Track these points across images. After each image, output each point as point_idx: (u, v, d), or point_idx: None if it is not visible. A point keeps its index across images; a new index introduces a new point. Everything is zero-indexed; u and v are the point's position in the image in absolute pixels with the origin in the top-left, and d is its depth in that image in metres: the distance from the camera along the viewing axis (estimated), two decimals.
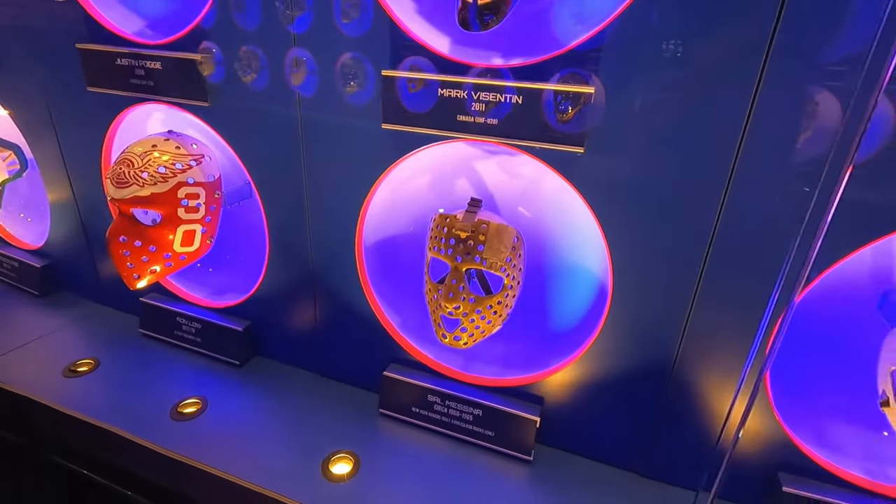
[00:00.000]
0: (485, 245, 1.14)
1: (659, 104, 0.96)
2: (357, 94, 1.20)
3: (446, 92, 1.08)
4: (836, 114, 0.86)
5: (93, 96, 1.52)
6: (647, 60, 0.94)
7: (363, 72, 1.17)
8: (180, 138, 1.48)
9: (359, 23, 1.14)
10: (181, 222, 1.46)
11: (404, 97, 1.12)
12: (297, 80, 1.24)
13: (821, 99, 0.86)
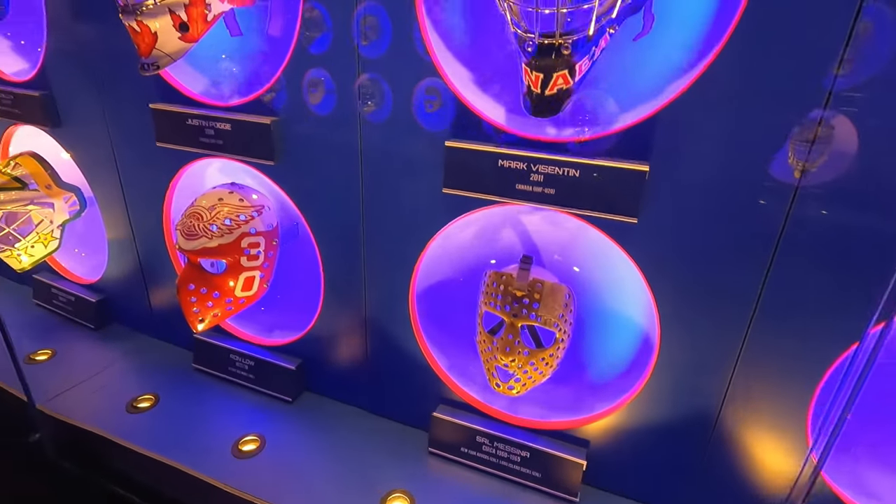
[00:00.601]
0: (540, 303, 1.21)
1: (709, 182, 1.04)
2: (418, 161, 1.29)
3: (506, 163, 1.16)
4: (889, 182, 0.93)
5: (160, 148, 1.62)
6: (699, 141, 1.02)
7: (426, 140, 1.26)
8: (243, 191, 1.57)
9: (424, 96, 1.23)
10: (243, 270, 1.56)
11: (465, 166, 1.20)
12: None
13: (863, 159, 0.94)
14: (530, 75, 0.98)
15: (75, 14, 1.62)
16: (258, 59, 1.49)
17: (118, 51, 1.55)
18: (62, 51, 1.72)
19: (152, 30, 1.23)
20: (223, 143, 1.47)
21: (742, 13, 0.93)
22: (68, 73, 1.74)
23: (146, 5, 1.20)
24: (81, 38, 1.64)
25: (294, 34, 1.31)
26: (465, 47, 1.25)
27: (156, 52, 1.26)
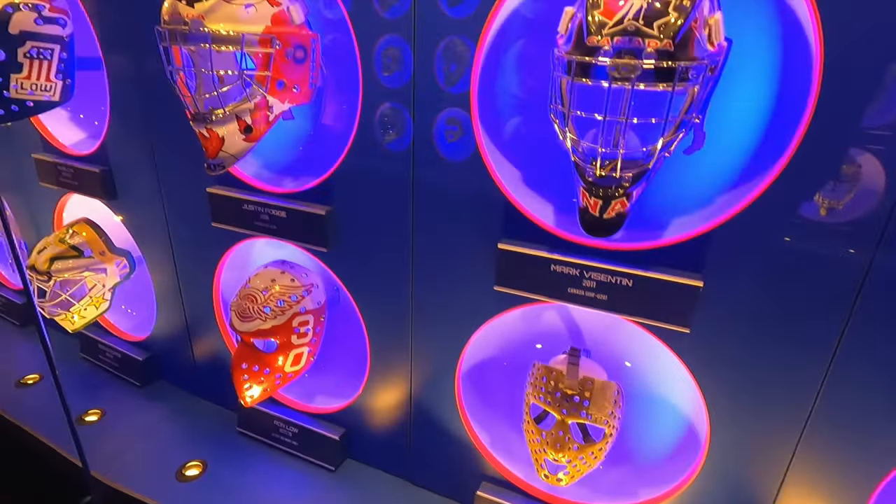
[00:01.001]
0: (590, 402, 1.24)
1: (765, 294, 1.07)
2: (470, 259, 1.34)
3: (558, 268, 1.20)
4: None
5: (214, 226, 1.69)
6: (754, 258, 1.05)
7: (478, 239, 1.30)
8: (293, 270, 1.63)
9: (474, 195, 1.28)
10: (293, 347, 1.61)
11: (517, 268, 1.24)
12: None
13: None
14: (588, 199, 1.02)
15: (138, 96, 1.71)
16: (313, 146, 1.56)
17: (177, 134, 1.63)
18: (123, 129, 1.80)
19: (220, 135, 1.30)
20: (277, 229, 1.54)
21: (800, 143, 0.96)
22: (128, 150, 1.82)
23: (216, 114, 1.27)
24: (142, 120, 1.73)
25: (353, 127, 1.37)
26: (514, 145, 1.30)
27: (222, 154, 1.33)
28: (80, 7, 1.72)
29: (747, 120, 1.07)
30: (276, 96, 1.33)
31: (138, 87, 1.70)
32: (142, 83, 1.68)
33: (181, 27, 1.16)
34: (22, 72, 1.68)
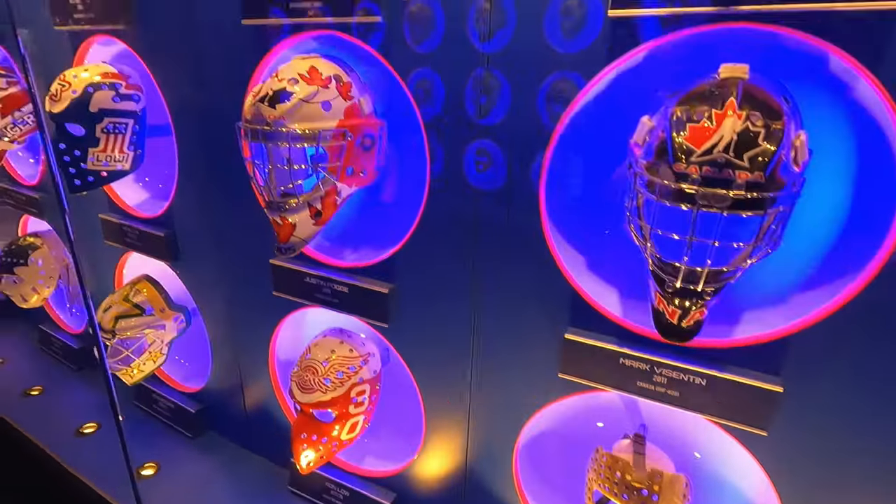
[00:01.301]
0: (659, 496, 1.22)
1: (849, 401, 1.04)
2: (533, 345, 1.34)
3: (628, 362, 1.20)
4: None
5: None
6: (842, 364, 1.03)
7: (541, 327, 1.31)
8: (351, 339, 1.66)
9: (537, 280, 1.29)
10: (350, 417, 1.63)
11: (584, 358, 1.24)
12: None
13: None
14: (665, 305, 1.03)
15: (205, 164, 1.78)
16: (375, 221, 1.60)
17: (242, 202, 1.69)
18: (189, 195, 1.88)
19: (292, 222, 1.35)
20: (339, 302, 1.57)
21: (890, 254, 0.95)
22: (192, 215, 1.90)
23: (289, 204, 1.32)
24: (208, 186, 1.81)
25: (420, 207, 1.41)
26: (578, 230, 1.31)
27: (293, 239, 1.37)
28: (149, 77, 1.81)
29: (824, 219, 1.06)
30: (344, 182, 1.38)
31: (205, 155, 1.77)
32: (209, 151, 1.75)
33: (263, 127, 1.21)
34: (99, 146, 1.78)
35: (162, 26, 1.67)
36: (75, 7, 1.76)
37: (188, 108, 1.76)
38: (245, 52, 1.51)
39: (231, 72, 1.57)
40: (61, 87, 1.71)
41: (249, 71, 1.52)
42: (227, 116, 1.62)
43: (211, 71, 1.62)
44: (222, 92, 1.62)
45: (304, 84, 1.24)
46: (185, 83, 1.72)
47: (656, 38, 1.02)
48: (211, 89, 1.65)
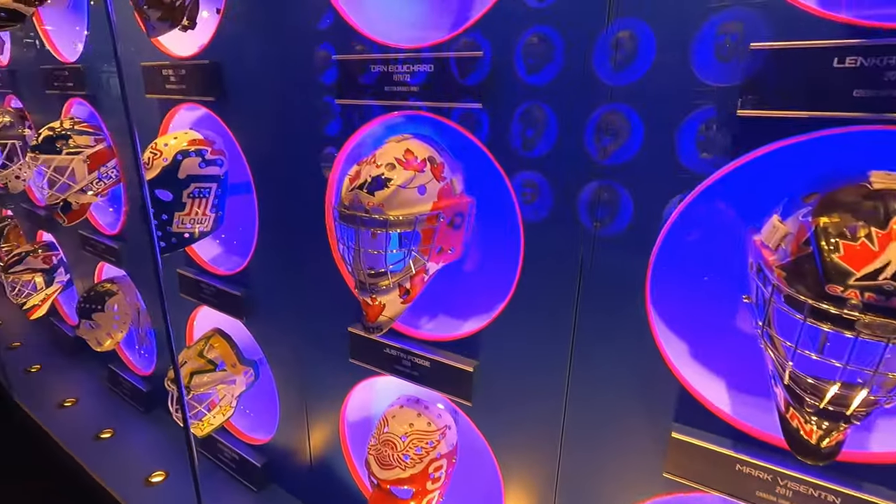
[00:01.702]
0: None
1: None
2: (633, 440, 1.27)
3: (745, 469, 1.11)
4: None
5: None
6: None
7: (640, 420, 1.24)
8: (428, 411, 1.62)
9: (637, 369, 1.23)
10: (427, 493, 1.58)
11: (694, 460, 1.16)
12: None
13: None
14: (802, 423, 0.94)
15: (286, 229, 1.81)
16: (457, 293, 1.57)
17: (321, 265, 1.70)
18: (268, 257, 1.91)
19: (382, 303, 1.33)
20: (419, 376, 1.54)
21: None
22: (269, 274, 1.92)
23: (380, 285, 1.31)
24: (286, 246, 1.82)
25: (513, 281, 1.37)
26: (682, 316, 1.24)
27: (381, 318, 1.36)
28: (232, 139, 1.86)
29: None
30: (433, 260, 1.36)
31: (287, 219, 1.79)
32: (291, 214, 1.77)
33: (361, 214, 1.21)
34: (184, 209, 1.84)
35: (251, 100, 1.72)
36: (167, 78, 1.84)
37: (271, 172, 1.80)
38: (335, 126, 1.53)
39: (318, 143, 1.58)
40: (153, 156, 1.78)
41: (339, 143, 1.54)
42: (311, 183, 1.64)
43: (298, 141, 1.65)
44: (308, 159, 1.63)
45: (401, 169, 1.24)
46: (270, 149, 1.76)
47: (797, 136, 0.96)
48: (297, 157, 1.67)
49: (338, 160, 1.56)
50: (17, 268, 3.17)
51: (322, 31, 1.46)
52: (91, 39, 2.21)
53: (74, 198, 2.39)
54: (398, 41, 1.33)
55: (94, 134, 2.40)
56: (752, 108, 0.94)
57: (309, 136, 1.60)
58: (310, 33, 1.49)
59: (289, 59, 1.57)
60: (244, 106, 1.75)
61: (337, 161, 1.57)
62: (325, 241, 1.68)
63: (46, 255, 3.26)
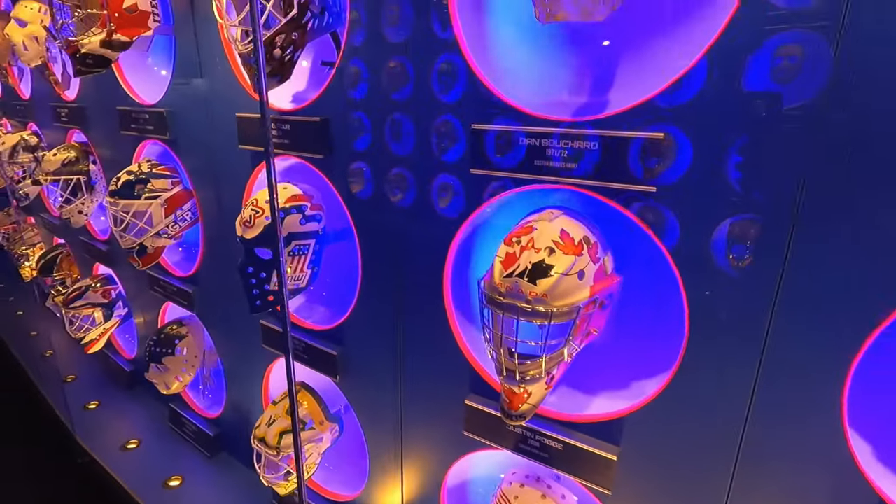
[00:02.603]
0: None
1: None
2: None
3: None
4: None
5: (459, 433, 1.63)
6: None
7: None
8: (552, 492, 1.53)
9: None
10: None
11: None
12: None
13: None
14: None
15: (392, 285, 1.72)
16: (593, 370, 1.48)
17: (437, 336, 1.62)
18: (369, 313, 1.81)
19: (529, 391, 1.24)
20: (548, 458, 1.45)
21: None
22: (369, 335, 1.83)
23: (531, 374, 1.22)
24: (392, 303, 1.74)
25: (673, 364, 1.27)
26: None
27: (524, 407, 1.27)
28: (331, 189, 1.78)
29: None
30: (580, 343, 1.27)
31: (392, 271, 1.69)
32: (398, 267, 1.67)
33: (522, 304, 1.12)
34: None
35: (361, 159, 1.64)
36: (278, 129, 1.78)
37: (378, 224, 1.68)
38: (461, 195, 1.45)
39: (441, 209, 1.50)
40: (255, 214, 1.71)
41: (466, 213, 1.46)
42: (427, 244, 1.57)
43: (418, 205, 1.56)
44: (428, 221, 1.54)
45: (561, 254, 1.14)
46: (379, 211, 1.67)
47: None
48: (412, 216, 1.58)
49: (463, 228, 1.48)
50: (78, 302, 3.13)
51: (455, 96, 1.38)
52: (176, 84, 2.16)
53: (150, 242, 2.34)
54: (551, 111, 1.24)
55: (171, 177, 2.35)
56: None
57: (429, 200, 1.52)
58: (438, 103, 1.41)
59: (412, 118, 1.49)
60: (353, 166, 1.67)
61: (462, 229, 1.48)
62: (440, 304, 1.58)
63: (105, 290, 3.23)
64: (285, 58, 1.61)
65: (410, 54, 1.44)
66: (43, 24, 2.69)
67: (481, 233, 1.53)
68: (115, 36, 2.04)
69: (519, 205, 1.39)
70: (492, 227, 1.50)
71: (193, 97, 2.08)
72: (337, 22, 1.65)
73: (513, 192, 1.36)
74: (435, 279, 1.57)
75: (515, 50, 1.38)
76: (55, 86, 2.87)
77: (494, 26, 1.38)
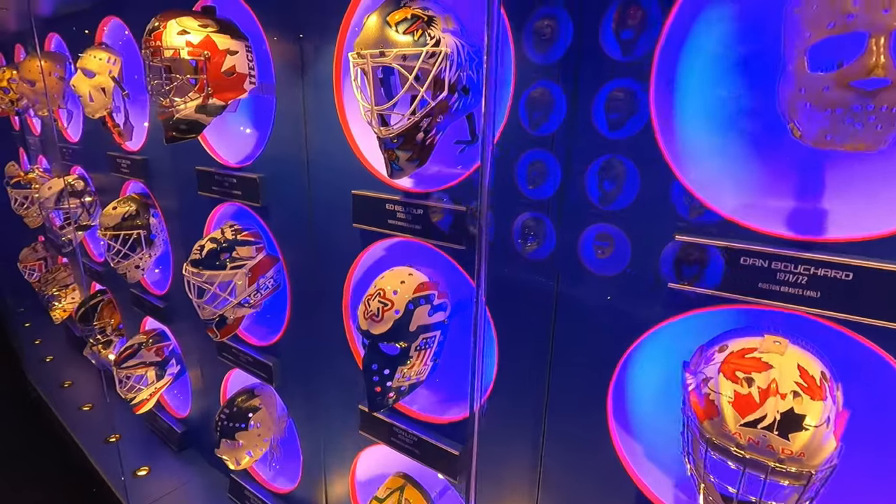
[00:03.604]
0: None
1: None
2: None
3: None
4: None
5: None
6: None
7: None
8: None
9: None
10: None
11: None
12: None
13: None
14: None
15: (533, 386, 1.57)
16: None
17: (586, 455, 1.46)
18: (503, 414, 1.65)
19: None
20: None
21: None
22: (502, 441, 1.66)
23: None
24: (529, 414, 1.59)
25: None
26: None
27: None
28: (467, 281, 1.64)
29: None
30: None
31: (531, 363, 1.54)
32: (537, 361, 1.52)
33: (773, 463, 0.97)
34: (408, 363, 1.61)
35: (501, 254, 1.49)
36: (392, 213, 1.64)
37: (522, 345, 1.53)
38: (654, 300, 1.29)
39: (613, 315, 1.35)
40: (383, 307, 1.55)
41: (647, 323, 1.30)
42: (597, 354, 1.41)
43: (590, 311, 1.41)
44: (603, 327, 1.39)
45: (808, 399, 0.99)
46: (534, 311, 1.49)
47: None
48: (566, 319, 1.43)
49: (643, 337, 1.32)
50: (131, 361, 2.95)
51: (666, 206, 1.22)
52: (270, 149, 2.02)
53: (231, 312, 2.18)
54: (782, 228, 1.11)
55: (256, 243, 2.19)
56: None
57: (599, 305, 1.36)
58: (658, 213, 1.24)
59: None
60: (495, 254, 1.52)
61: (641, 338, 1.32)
62: (599, 414, 1.42)
63: (159, 347, 3.05)
64: (427, 141, 1.48)
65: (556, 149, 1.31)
66: (111, 75, 2.56)
67: (651, 342, 1.37)
68: (210, 100, 1.92)
69: (713, 321, 1.24)
70: (665, 337, 1.35)
71: (293, 165, 1.93)
72: (477, 101, 1.52)
73: (712, 308, 1.21)
74: (596, 388, 1.41)
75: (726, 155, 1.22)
76: (117, 136, 2.73)
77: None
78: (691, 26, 1.16)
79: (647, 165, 1.21)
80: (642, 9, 1.16)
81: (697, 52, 1.17)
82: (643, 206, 1.23)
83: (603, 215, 1.29)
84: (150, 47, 1.82)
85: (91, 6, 2.75)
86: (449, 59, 1.35)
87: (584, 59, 1.24)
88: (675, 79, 1.18)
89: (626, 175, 1.24)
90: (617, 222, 1.27)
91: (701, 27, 1.16)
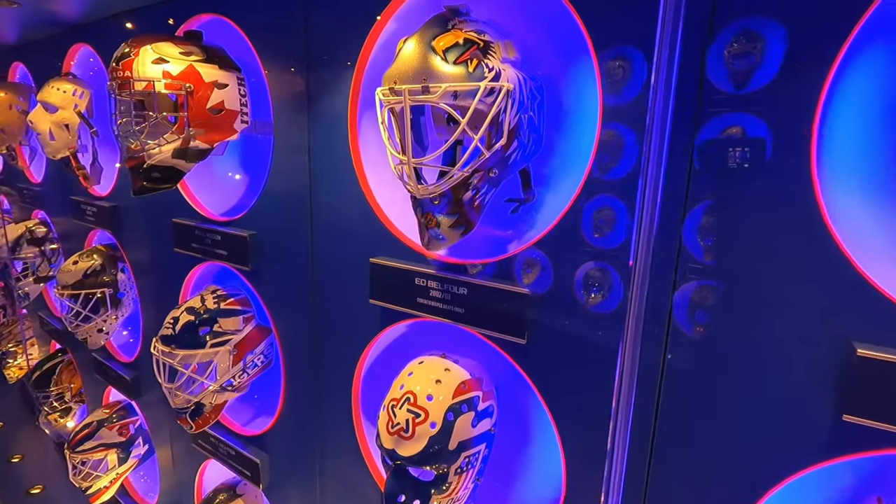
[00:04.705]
0: None
1: None
2: None
3: None
4: None
5: None
6: None
7: None
8: None
9: None
10: None
11: None
12: None
13: None
14: None
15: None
16: None
17: None
18: None
19: None
20: None
21: None
22: None
23: None
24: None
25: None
26: None
27: None
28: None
29: None
30: None
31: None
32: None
33: None
34: (445, 490, 1.21)
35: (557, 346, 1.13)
36: (427, 290, 1.27)
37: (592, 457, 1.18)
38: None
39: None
40: (414, 418, 1.16)
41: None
42: None
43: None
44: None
45: None
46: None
47: None
48: None
49: None
50: (88, 444, 2.48)
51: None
52: (266, 198, 1.66)
53: (210, 397, 1.77)
54: None
55: (243, 312, 1.80)
56: None
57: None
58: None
59: None
60: (549, 352, 1.16)
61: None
62: None
63: (123, 425, 2.58)
64: (475, 202, 1.13)
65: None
66: (77, 110, 2.20)
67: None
68: (192, 143, 1.56)
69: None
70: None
71: (293, 220, 1.57)
72: (536, 150, 1.19)
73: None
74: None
75: None
76: (83, 179, 2.34)
77: None
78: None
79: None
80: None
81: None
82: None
83: None
84: (118, 78, 1.46)
85: (59, 32, 2.42)
86: (510, 97, 1.02)
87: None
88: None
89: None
90: None
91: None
